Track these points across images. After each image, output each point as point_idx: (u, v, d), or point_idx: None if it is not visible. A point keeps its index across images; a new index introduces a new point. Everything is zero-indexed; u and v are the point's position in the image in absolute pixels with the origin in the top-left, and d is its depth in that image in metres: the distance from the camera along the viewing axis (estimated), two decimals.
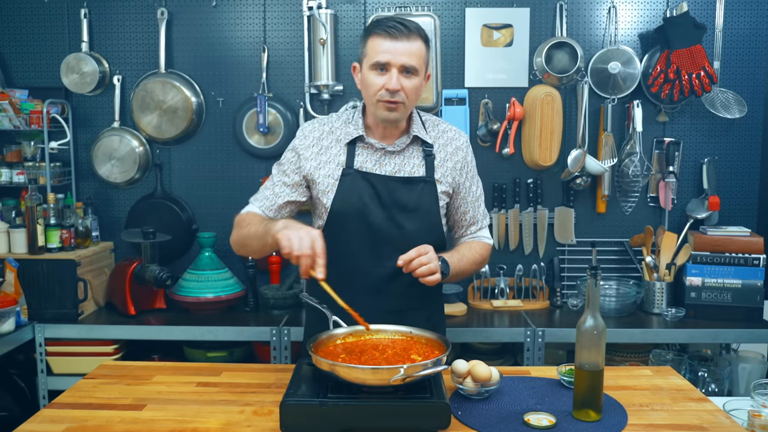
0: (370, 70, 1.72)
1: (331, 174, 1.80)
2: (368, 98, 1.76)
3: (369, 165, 1.80)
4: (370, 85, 1.72)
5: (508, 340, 2.76)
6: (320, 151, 1.82)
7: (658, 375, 1.79)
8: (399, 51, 1.68)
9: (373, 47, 1.71)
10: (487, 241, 1.96)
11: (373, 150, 1.81)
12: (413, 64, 1.69)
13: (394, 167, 1.80)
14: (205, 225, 3.13)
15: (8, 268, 2.67)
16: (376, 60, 1.69)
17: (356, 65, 1.81)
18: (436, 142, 1.85)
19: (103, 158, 3.05)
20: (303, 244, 1.52)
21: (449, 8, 3.02)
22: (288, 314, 2.86)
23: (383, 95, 1.70)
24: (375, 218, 1.77)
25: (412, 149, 1.83)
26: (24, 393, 2.88)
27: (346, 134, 1.82)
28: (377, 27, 1.71)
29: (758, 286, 2.77)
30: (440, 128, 1.88)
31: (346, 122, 1.84)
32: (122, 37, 3.08)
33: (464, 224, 1.94)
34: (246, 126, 3.04)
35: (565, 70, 2.91)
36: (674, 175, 2.99)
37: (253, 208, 1.86)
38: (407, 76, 1.70)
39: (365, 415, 1.39)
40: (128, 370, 1.81)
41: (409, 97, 1.72)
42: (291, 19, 3.04)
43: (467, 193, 1.90)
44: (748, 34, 3.03)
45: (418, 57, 1.71)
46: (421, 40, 1.72)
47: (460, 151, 1.87)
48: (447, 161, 1.84)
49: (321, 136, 1.83)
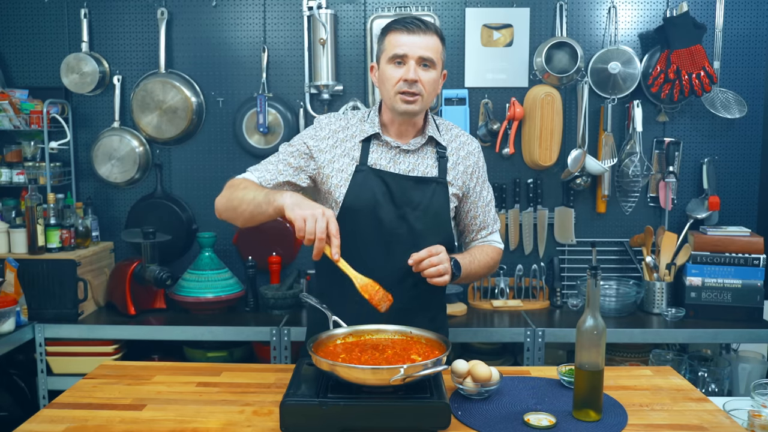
0: (388, 64, 1.75)
1: (345, 169, 1.80)
2: (386, 92, 1.77)
3: (383, 163, 1.80)
4: (388, 78, 1.75)
5: (508, 340, 2.76)
6: (335, 144, 1.82)
7: (658, 375, 1.79)
8: (417, 44, 1.72)
9: (391, 42, 1.75)
10: (498, 246, 1.98)
11: (389, 148, 1.82)
12: (430, 56, 1.73)
13: (408, 166, 1.81)
14: (205, 225, 3.13)
15: (8, 268, 2.67)
16: (394, 53, 1.73)
17: (374, 65, 1.84)
18: (449, 145, 1.87)
19: (103, 158, 3.05)
20: (319, 225, 1.50)
21: (449, 8, 3.02)
22: (288, 314, 2.86)
23: (401, 86, 1.72)
24: (386, 215, 1.78)
25: (427, 150, 1.84)
26: (24, 393, 2.88)
27: (361, 131, 1.83)
28: (395, 23, 1.76)
29: (758, 286, 2.77)
30: (453, 132, 1.90)
31: (361, 120, 1.86)
32: (122, 37, 3.08)
33: (474, 228, 1.95)
34: (246, 126, 3.04)
35: (565, 70, 2.91)
36: (674, 175, 2.99)
37: (250, 176, 1.82)
38: (425, 68, 1.73)
39: (365, 415, 1.39)
40: (128, 370, 1.81)
41: (426, 89, 1.74)
42: (291, 19, 3.04)
43: (477, 198, 1.92)
44: (748, 34, 3.03)
45: (435, 51, 1.74)
46: (437, 37, 1.76)
47: (472, 156, 1.90)
48: (459, 165, 1.86)
49: (337, 130, 1.84)
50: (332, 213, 1.55)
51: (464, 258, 1.83)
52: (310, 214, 1.51)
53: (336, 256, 1.54)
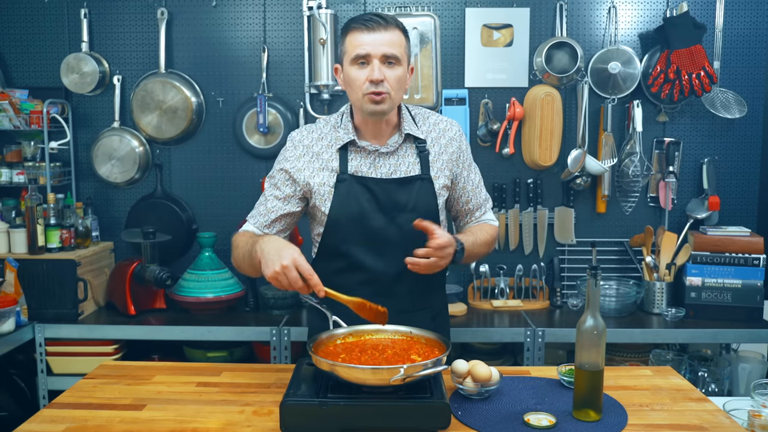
0: (351, 65, 1.70)
1: (326, 181, 1.77)
2: (353, 95, 1.73)
3: (364, 169, 1.77)
4: (353, 80, 1.70)
5: (508, 340, 2.76)
6: (312, 158, 1.78)
7: (658, 375, 1.79)
8: (378, 41, 1.66)
9: (351, 42, 1.69)
10: (494, 224, 1.96)
11: (366, 153, 1.78)
12: (394, 53, 1.67)
13: (389, 169, 1.78)
14: (205, 225, 3.13)
15: (8, 268, 2.67)
16: (356, 53, 1.67)
17: (338, 66, 1.78)
18: (428, 136, 1.82)
19: (103, 158, 3.05)
20: (291, 278, 1.50)
21: (449, 8, 3.02)
22: (288, 314, 2.87)
23: (368, 87, 1.67)
24: (375, 222, 1.76)
25: (406, 147, 1.80)
26: (24, 393, 2.88)
27: (336, 139, 1.79)
28: (353, 22, 1.70)
29: (758, 286, 2.77)
30: (431, 121, 1.85)
31: (335, 126, 1.81)
32: (122, 37, 3.08)
33: (468, 211, 1.94)
34: (246, 126, 3.04)
35: (565, 70, 2.91)
36: (674, 175, 2.99)
37: (248, 226, 1.83)
38: (389, 66, 1.68)
39: (365, 415, 1.39)
40: (128, 370, 1.81)
41: (393, 87, 1.69)
42: (291, 19, 3.04)
43: (466, 182, 1.89)
44: (748, 34, 3.03)
45: (399, 46, 1.69)
46: (399, 31, 1.70)
47: (454, 141, 1.85)
48: (442, 154, 1.82)
49: (311, 144, 1.80)
50: (295, 255, 1.51)
51: (467, 239, 1.79)
52: (276, 271, 1.50)
53: (321, 293, 1.53)
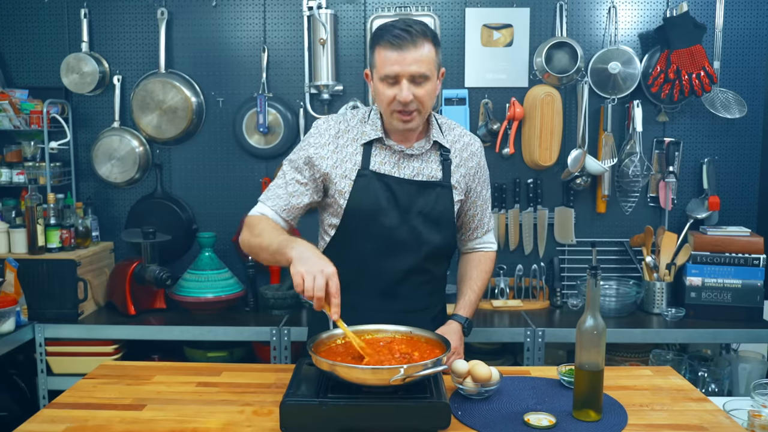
0: (380, 83, 1.68)
1: (347, 174, 1.76)
2: (383, 108, 1.72)
3: (387, 167, 1.77)
4: (382, 96, 1.69)
5: (508, 340, 2.76)
6: (336, 149, 1.78)
7: (658, 375, 1.79)
8: (407, 61, 1.63)
9: (380, 60, 1.66)
10: (492, 248, 2.01)
11: (392, 152, 1.78)
12: (423, 72, 1.64)
13: (412, 171, 1.79)
14: (205, 225, 3.13)
15: (8, 268, 2.67)
16: (385, 73, 1.65)
17: (368, 72, 1.77)
18: (452, 146, 1.84)
19: (103, 158, 3.05)
20: (317, 284, 1.45)
21: (449, 8, 3.02)
22: (288, 314, 2.86)
23: (396, 106, 1.67)
24: (390, 221, 1.76)
25: (430, 153, 1.81)
26: (24, 393, 2.88)
27: (362, 134, 1.78)
28: (382, 37, 1.66)
29: (758, 286, 2.77)
30: (456, 132, 1.87)
31: (362, 121, 1.80)
32: (122, 37, 3.08)
33: (472, 227, 1.96)
34: (246, 126, 3.04)
35: (565, 70, 2.91)
36: (674, 175, 2.99)
37: (264, 209, 1.77)
38: (418, 84, 1.66)
39: (365, 415, 1.39)
40: (128, 370, 1.81)
41: (423, 104, 1.68)
42: (291, 19, 3.04)
43: (477, 197, 1.92)
44: (748, 34, 3.03)
45: (428, 62, 1.65)
46: (429, 43, 1.66)
47: (475, 156, 1.88)
48: (461, 166, 1.84)
49: (337, 134, 1.79)
50: (334, 271, 1.48)
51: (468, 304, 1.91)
52: (309, 272, 1.46)
53: (335, 316, 1.49)
